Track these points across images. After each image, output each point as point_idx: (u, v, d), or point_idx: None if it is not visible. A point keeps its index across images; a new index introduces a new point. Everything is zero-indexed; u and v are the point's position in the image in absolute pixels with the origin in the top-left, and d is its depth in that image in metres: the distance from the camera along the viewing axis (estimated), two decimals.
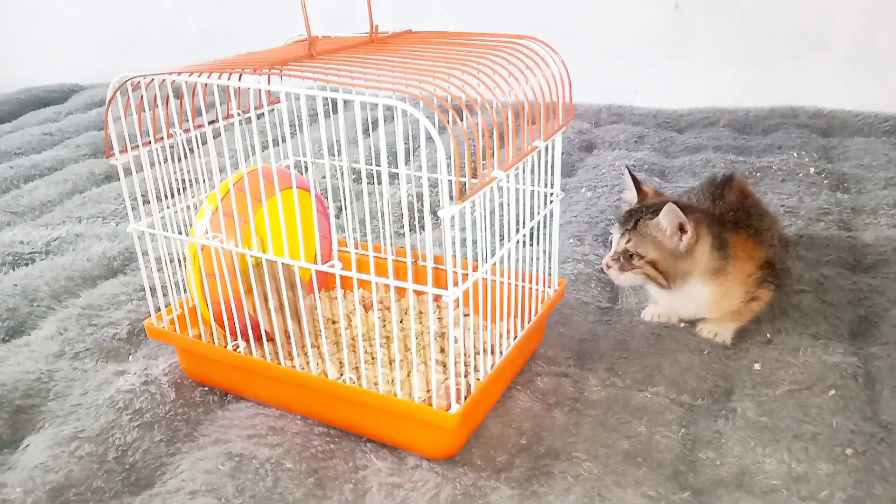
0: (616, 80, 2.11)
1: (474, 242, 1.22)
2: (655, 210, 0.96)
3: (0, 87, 2.71)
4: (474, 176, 0.75)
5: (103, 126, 2.10)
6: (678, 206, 0.93)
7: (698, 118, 1.96)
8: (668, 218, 0.94)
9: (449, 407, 0.76)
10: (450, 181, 0.66)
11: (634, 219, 0.98)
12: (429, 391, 0.86)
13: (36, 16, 2.73)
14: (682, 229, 0.94)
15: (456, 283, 0.71)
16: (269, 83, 0.74)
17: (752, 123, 1.90)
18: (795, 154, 1.65)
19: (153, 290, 0.93)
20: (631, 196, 1.03)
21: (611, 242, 1.02)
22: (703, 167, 1.61)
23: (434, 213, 1.36)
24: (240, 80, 0.78)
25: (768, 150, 1.70)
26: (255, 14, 2.44)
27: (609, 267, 0.99)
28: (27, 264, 1.28)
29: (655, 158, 1.69)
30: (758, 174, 1.56)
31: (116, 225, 1.45)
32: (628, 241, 0.97)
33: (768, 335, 1.02)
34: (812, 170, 1.56)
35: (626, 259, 0.97)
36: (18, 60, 2.82)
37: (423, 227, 1.37)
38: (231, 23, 2.48)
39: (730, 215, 1.06)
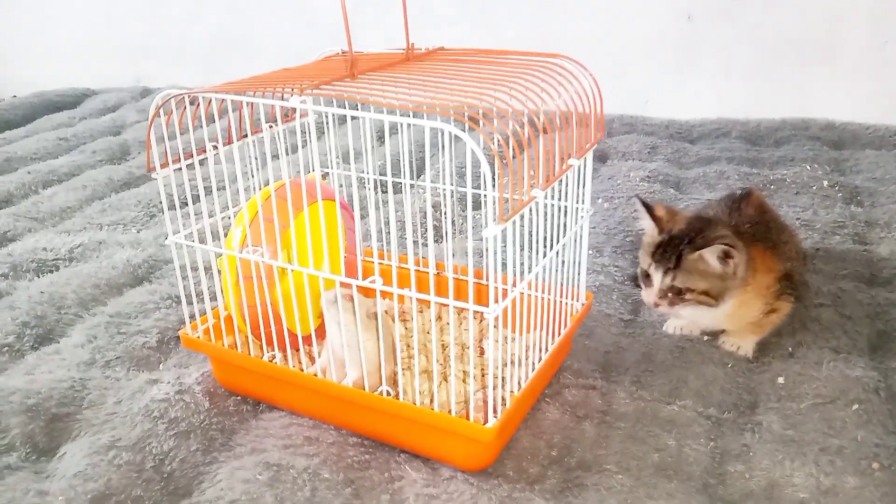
0: (628, 89, 2.13)
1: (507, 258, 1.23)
2: (692, 242, 0.97)
3: (13, 91, 2.72)
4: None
5: (118, 132, 2.11)
6: (725, 240, 0.95)
7: (710, 129, 1.98)
8: (714, 252, 0.95)
9: (486, 420, 0.78)
10: (494, 201, 0.67)
11: (673, 254, 0.97)
12: (462, 403, 0.87)
13: (48, 20, 2.74)
14: (728, 256, 0.96)
15: (496, 301, 0.72)
16: (313, 102, 0.75)
17: (763, 135, 1.92)
18: (808, 167, 1.67)
19: (189, 299, 0.95)
20: (647, 224, 1.03)
21: (641, 275, 1.02)
22: (717, 179, 1.63)
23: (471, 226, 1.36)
24: (282, 98, 0.79)
25: (781, 163, 1.72)
26: (268, 22, 2.45)
27: (657, 305, 1.00)
28: (52, 271, 1.29)
29: (669, 169, 1.71)
30: (772, 187, 1.57)
31: (138, 232, 1.46)
32: (674, 279, 0.97)
33: (790, 349, 1.03)
34: (826, 183, 1.57)
35: (676, 294, 0.98)
36: (31, 64, 2.83)
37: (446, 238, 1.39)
38: (243, 30, 2.50)
39: (747, 228, 1.07)
